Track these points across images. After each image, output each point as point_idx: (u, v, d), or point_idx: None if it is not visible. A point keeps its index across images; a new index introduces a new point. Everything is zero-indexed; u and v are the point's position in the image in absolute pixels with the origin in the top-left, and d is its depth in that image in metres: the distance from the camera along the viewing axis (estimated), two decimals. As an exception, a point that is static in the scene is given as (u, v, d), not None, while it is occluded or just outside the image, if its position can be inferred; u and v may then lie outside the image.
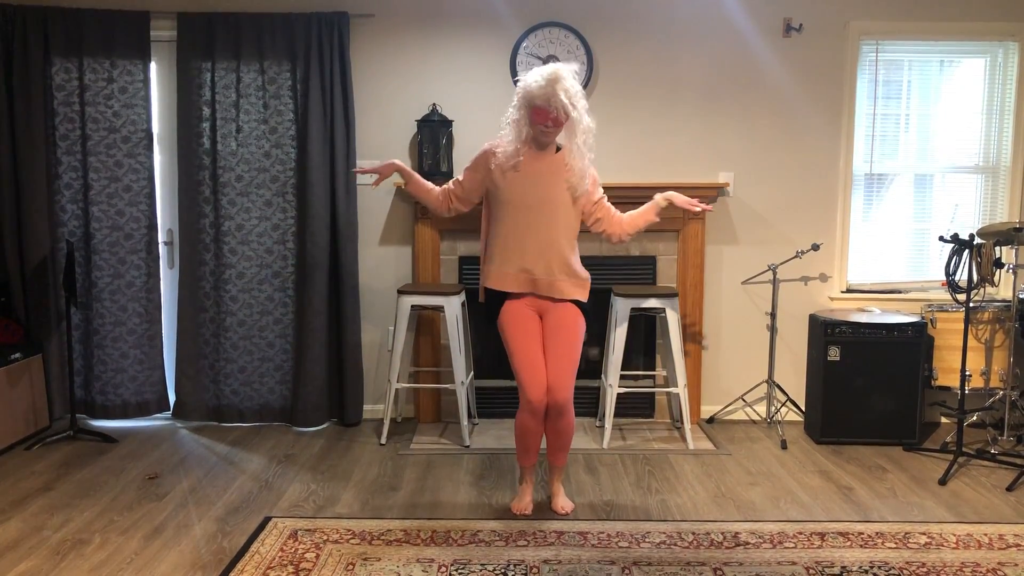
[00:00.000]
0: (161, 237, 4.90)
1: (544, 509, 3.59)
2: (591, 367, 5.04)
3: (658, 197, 3.57)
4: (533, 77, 3.27)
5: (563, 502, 3.59)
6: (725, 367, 5.03)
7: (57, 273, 4.72)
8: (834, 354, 4.51)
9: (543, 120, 3.28)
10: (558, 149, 3.44)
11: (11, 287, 4.71)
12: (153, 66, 4.78)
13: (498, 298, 3.49)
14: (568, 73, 3.27)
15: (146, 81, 4.71)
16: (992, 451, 4.25)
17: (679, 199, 3.53)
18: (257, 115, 4.72)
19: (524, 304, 3.46)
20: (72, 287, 4.39)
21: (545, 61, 4.73)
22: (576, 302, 3.49)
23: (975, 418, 4.61)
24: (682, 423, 4.61)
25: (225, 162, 4.72)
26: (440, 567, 3.03)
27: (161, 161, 4.89)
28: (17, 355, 4.48)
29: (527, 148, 3.39)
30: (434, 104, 4.73)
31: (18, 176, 4.64)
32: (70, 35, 4.63)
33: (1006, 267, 4.33)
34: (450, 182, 3.62)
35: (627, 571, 3.01)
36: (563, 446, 3.52)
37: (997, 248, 4.19)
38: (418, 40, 4.81)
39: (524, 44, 4.74)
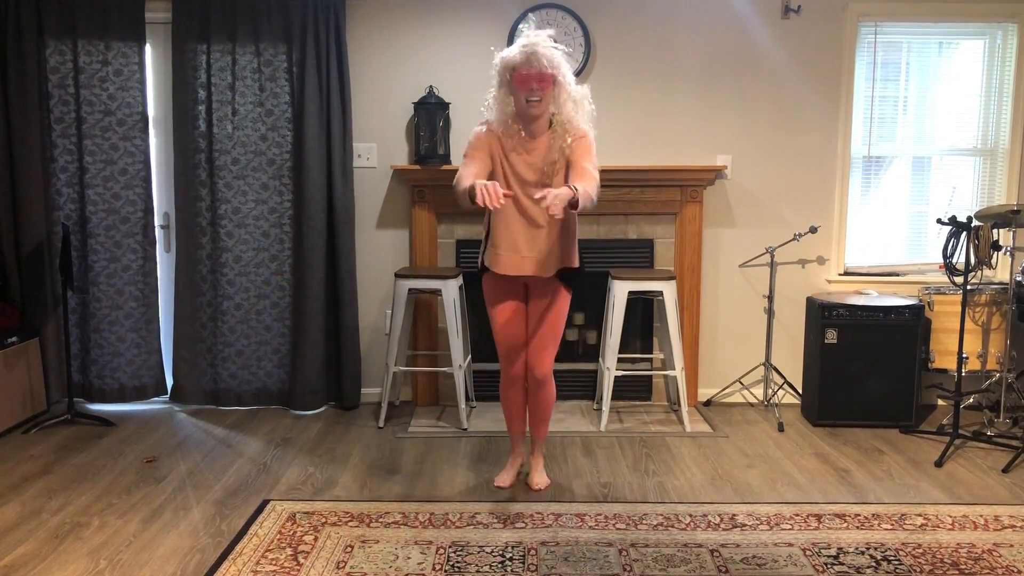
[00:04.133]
0: (157, 220, 4.89)
1: (542, 491, 3.60)
2: (588, 350, 5.05)
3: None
4: (508, 49, 3.23)
5: (538, 478, 3.65)
6: (722, 350, 5.04)
7: (53, 257, 4.71)
8: (831, 337, 4.52)
9: (527, 84, 3.10)
10: (550, 125, 3.28)
11: (7, 271, 4.70)
12: (148, 48, 4.75)
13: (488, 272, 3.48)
14: (547, 38, 3.15)
15: (141, 64, 4.68)
16: (988, 433, 4.27)
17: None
18: (253, 98, 4.69)
19: (506, 280, 3.43)
20: (68, 271, 4.38)
21: (542, 43, 4.71)
22: (566, 271, 3.39)
23: (972, 400, 4.62)
24: (679, 406, 4.62)
25: (221, 145, 4.70)
26: (438, 549, 3.04)
27: (157, 144, 4.87)
28: (14, 339, 4.47)
29: (519, 132, 3.25)
30: (431, 86, 4.71)
31: (13, 159, 4.62)
32: (64, 17, 4.60)
33: (1003, 249, 4.33)
34: (462, 168, 3.21)
35: (624, 553, 3.02)
36: (543, 418, 3.60)
37: (995, 230, 4.18)
38: (414, 22, 4.78)
39: (521, 25, 4.71)
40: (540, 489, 3.61)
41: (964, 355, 4.31)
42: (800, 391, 4.86)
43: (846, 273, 4.99)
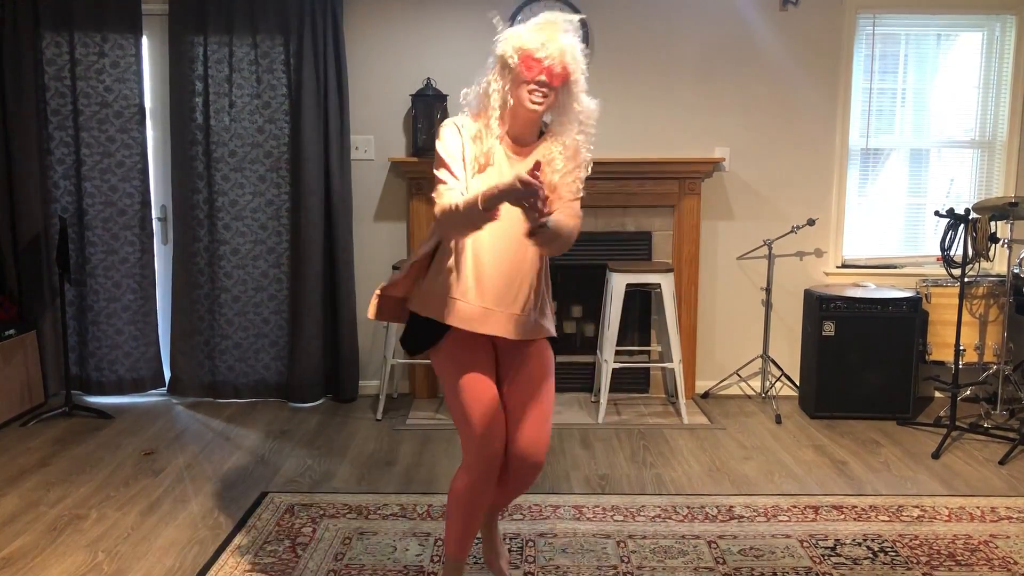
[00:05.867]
0: (155, 213, 4.88)
1: (537, 488, 3.61)
2: (586, 343, 5.05)
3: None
4: (520, 26, 2.39)
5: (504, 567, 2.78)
6: (720, 342, 5.04)
7: (50, 249, 4.70)
8: (829, 329, 4.52)
9: (534, 72, 2.28)
10: (540, 134, 2.50)
11: (4, 263, 4.69)
12: (145, 40, 4.73)
13: (424, 324, 2.46)
14: (571, 24, 2.34)
15: (138, 55, 4.67)
16: (985, 425, 4.27)
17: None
18: (250, 90, 4.68)
19: (474, 335, 2.44)
20: (66, 263, 4.37)
21: (540, 35, 4.69)
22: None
23: (969, 392, 4.63)
24: (677, 398, 4.62)
25: (218, 137, 4.69)
26: (436, 541, 3.05)
27: (154, 136, 4.86)
28: (11, 331, 4.47)
29: (503, 138, 2.42)
30: (428, 78, 4.69)
31: (10, 152, 4.61)
32: (60, 9, 4.58)
33: (1001, 242, 4.34)
34: (446, 188, 2.32)
35: (622, 544, 3.03)
36: (513, 498, 2.75)
37: (992, 223, 4.19)
38: (412, 13, 4.77)
39: (519, 17, 4.68)
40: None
41: (961, 347, 4.32)
42: (797, 383, 4.87)
43: (844, 265, 4.99)
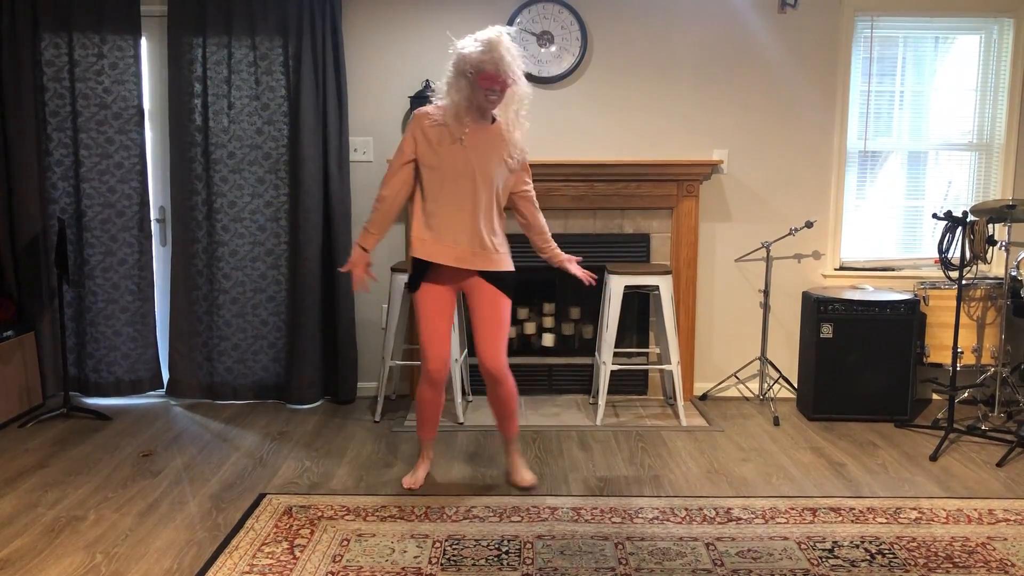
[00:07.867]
0: (153, 214, 4.88)
1: (539, 484, 3.61)
2: (585, 344, 5.05)
3: (563, 258, 3.56)
4: (471, 43, 3.16)
5: (523, 475, 3.60)
6: (718, 344, 5.04)
7: (49, 250, 4.70)
8: (827, 331, 4.52)
9: (490, 85, 3.14)
10: (492, 120, 3.33)
11: (3, 264, 4.69)
12: (144, 42, 4.74)
13: (422, 268, 3.38)
14: (507, 37, 3.17)
15: (136, 57, 4.67)
16: (983, 427, 4.28)
17: (575, 269, 3.55)
18: (249, 91, 4.68)
19: (444, 279, 3.36)
20: (64, 264, 4.37)
21: (539, 37, 4.71)
22: (504, 274, 3.39)
23: (966, 395, 4.64)
24: (675, 400, 4.63)
25: (217, 139, 4.69)
26: (435, 543, 3.05)
27: (152, 138, 4.86)
28: (9, 332, 4.47)
29: (469, 118, 3.25)
30: (427, 80, 4.70)
31: (8, 153, 4.61)
32: (59, 10, 4.58)
33: (999, 244, 4.34)
34: (396, 167, 3.31)
35: (620, 546, 3.03)
36: (509, 415, 3.52)
37: (990, 225, 4.19)
38: (411, 15, 4.77)
39: (518, 19, 4.70)
40: (534, 486, 3.57)
41: (959, 350, 4.32)
42: (795, 385, 4.87)
43: (842, 268, 5.00)
